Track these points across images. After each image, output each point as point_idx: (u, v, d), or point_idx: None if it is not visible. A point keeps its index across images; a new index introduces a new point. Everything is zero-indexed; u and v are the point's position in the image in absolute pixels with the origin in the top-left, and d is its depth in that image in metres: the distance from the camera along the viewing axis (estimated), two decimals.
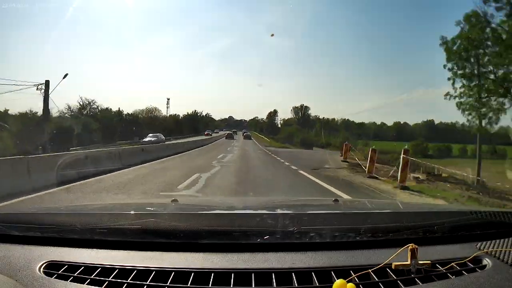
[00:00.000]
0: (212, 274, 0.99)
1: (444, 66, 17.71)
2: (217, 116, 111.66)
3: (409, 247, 0.99)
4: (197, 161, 15.91)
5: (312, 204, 2.35)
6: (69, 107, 46.60)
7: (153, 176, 10.66)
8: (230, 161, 16.73)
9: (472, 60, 17.30)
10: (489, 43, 16.67)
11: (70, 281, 1.00)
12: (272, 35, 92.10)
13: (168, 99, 71.67)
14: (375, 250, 1.13)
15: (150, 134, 31.73)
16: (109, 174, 10.22)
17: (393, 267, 0.99)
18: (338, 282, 0.91)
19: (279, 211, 1.72)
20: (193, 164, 14.15)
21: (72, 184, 8.36)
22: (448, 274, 1.01)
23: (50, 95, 23.95)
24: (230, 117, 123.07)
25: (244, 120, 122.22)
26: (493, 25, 16.06)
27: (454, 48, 17.37)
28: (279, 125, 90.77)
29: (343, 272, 1.00)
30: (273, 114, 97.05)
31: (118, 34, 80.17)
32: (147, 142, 27.35)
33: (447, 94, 17.76)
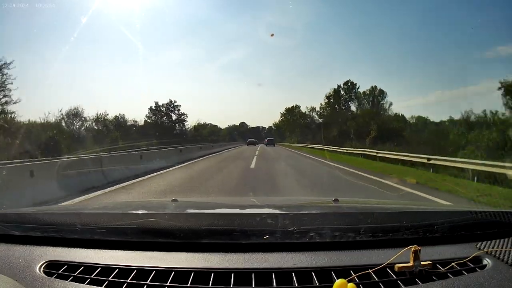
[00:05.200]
0: (212, 274, 0.99)
1: None
2: (223, 125, 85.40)
3: (412, 248, 0.99)
4: None
5: (312, 204, 2.34)
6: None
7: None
8: None
9: None
10: None
11: (70, 281, 1.00)
12: (272, 35, 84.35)
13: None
14: (375, 250, 1.13)
15: None
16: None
17: (396, 269, 0.99)
18: (339, 282, 0.91)
19: (279, 211, 1.72)
20: None
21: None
22: (448, 274, 1.01)
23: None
24: (243, 124, 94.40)
25: (262, 127, 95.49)
26: None
27: None
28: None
29: (343, 272, 0.99)
30: (349, 89, 52.60)
31: (127, 49, 77.53)
32: None
33: None
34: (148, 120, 56.69)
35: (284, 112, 70.47)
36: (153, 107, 58.33)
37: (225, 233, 1.18)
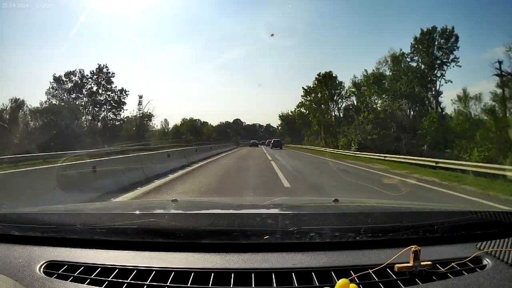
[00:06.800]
0: (212, 274, 0.99)
1: None
2: (215, 122, 75.96)
3: (412, 248, 0.99)
4: None
5: (312, 204, 2.34)
6: None
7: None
8: None
9: None
10: None
11: (70, 281, 1.00)
12: (272, 35, 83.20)
13: (141, 97, 40.92)
14: (375, 250, 1.13)
15: None
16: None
17: (396, 269, 0.99)
18: (341, 282, 0.91)
19: (279, 211, 1.72)
20: None
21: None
22: (448, 274, 1.01)
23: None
24: (237, 121, 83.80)
25: (259, 125, 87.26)
26: None
27: None
28: None
29: (343, 272, 0.99)
30: (445, 41, 29.31)
31: (126, 47, 75.44)
32: None
33: None
34: (48, 101, 29.75)
35: (311, 87, 41.13)
36: (63, 78, 30.04)
37: (225, 233, 1.18)
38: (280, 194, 7.21)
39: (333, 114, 41.22)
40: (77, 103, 32.82)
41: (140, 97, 39.84)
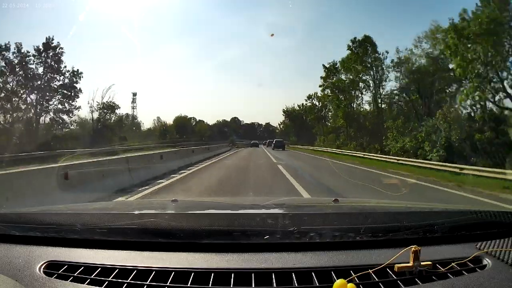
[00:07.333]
0: (212, 274, 0.99)
1: None
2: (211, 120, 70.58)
3: (412, 248, 0.99)
4: None
5: (312, 204, 2.34)
6: None
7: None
8: None
9: None
10: None
11: (70, 281, 1.00)
12: (272, 35, 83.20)
13: (135, 95, 41.32)
14: (375, 250, 1.13)
15: None
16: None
17: (396, 269, 0.99)
18: (339, 282, 0.91)
19: (279, 211, 1.72)
20: None
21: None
22: (448, 274, 1.01)
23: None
24: (234, 119, 79.82)
25: (258, 123, 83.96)
26: None
27: None
28: None
29: (343, 272, 0.99)
30: None
31: (125, 47, 74.34)
32: None
33: None
34: None
35: (334, 66, 28.59)
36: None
37: (225, 233, 1.18)
38: None
39: (375, 102, 26.09)
40: (9, 88, 23.69)
41: (134, 94, 36.76)
